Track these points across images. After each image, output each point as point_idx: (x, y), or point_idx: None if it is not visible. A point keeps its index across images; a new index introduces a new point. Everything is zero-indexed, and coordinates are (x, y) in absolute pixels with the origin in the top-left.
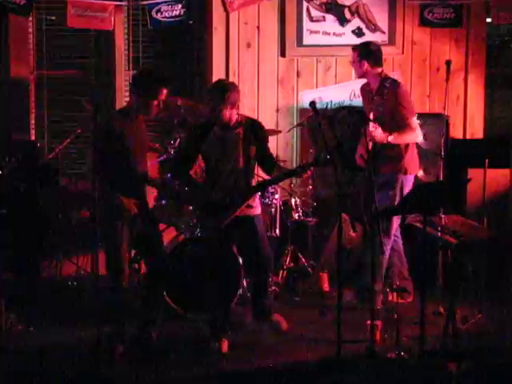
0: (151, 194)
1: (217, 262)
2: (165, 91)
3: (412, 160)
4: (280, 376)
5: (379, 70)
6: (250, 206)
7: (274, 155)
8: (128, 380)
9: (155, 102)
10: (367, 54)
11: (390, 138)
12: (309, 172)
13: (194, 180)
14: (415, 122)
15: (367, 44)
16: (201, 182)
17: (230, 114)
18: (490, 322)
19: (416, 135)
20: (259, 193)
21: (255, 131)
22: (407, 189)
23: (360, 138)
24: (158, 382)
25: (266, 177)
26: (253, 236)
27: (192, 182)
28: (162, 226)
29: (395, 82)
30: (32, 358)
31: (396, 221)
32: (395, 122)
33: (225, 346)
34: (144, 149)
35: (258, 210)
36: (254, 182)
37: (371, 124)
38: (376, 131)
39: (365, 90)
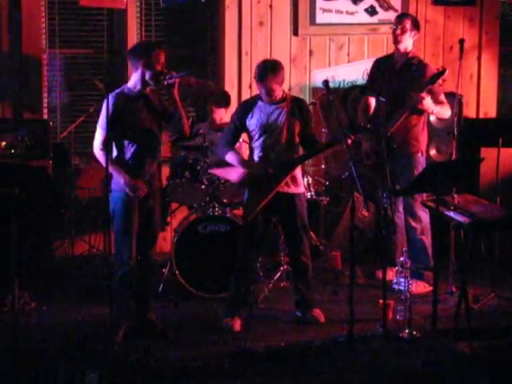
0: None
1: (229, 241)
2: (163, 55)
3: (425, 141)
4: (293, 354)
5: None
6: (292, 183)
7: None
8: (141, 358)
9: (159, 68)
10: (418, 25)
11: (435, 110)
12: (351, 138)
13: (238, 156)
14: (444, 98)
15: (413, 16)
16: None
17: (276, 91)
18: (502, 301)
19: (449, 111)
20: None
21: (300, 108)
22: None
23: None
24: (170, 360)
25: None
26: (290, 216)
27: (236, 158)
28: (174, 205)
29: (422, 63)
30: (45, 335)
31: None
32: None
33: (237, 325)
34: (152, 127)
35: (299, 188)
36: None
37: (423, 93)
38: (426, 100)
39: (385, 62)
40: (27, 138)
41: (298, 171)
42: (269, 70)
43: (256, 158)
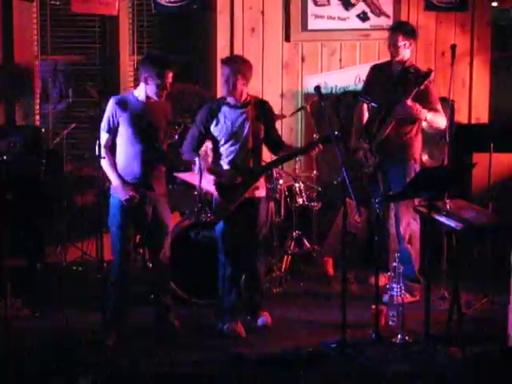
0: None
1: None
2: (170, 74)
3: (419, 149)
4: (285, 360)
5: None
6: (257, 188)
7: None
8: (133, 363)
9: (163, 86)
10: (411, 33)
11: (429, 116)
12: (319, 148)
13: (206, 162)
14: (441, 107)
15: (406, 23)
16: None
17: (242, 90)
18: (494, 306)
19: (444, 120)
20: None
21: (264, 111)
22: None
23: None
24: (162, 366)
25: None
26: (254, 220)
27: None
28: None
29: (419, 71)
30: (37, 342)
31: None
32: (424, 107)
33: (242, 329)
34: (156, 134)
35: (263, 192)
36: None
37: (409, 102)
38: (417, 105)
39: (382, 70)
40: (19, 145)
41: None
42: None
43: (223, 164)
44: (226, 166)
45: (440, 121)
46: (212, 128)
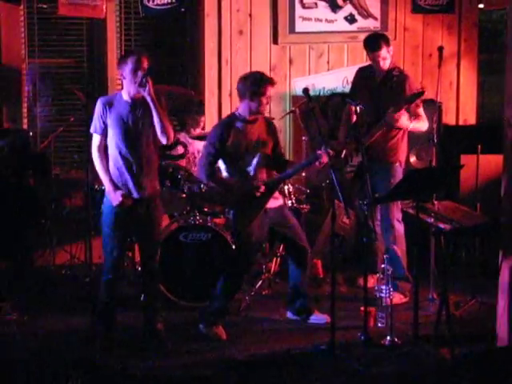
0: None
1: (211, 250)
2: (145, 60)
3: (404, 152)
4: (274, 362)
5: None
6: (275, 198)
7: None
8: (122, 366)
9: (140, 70)
10: (388, 40)
11: (411, 126)
12: (324, 160)
13: (224, 178)
14: (422, 111)
15: (381, 34)
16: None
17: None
18: (483, 307)
19: (426, 124)
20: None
21: (271, 128)
22: None
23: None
24: (151, 369)
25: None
26: (288, 226)
27: (223, 180)
28: None
29: (403, 74)
30: (26, 345)
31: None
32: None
33: (224, 333)
34: (139, 136)
35: (281, 200)
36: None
37: (399, 113)
38: (402, 118)
39: (367, 73)
40: (7, 148)
41: None
42: (270, 81)
43: (240, 177)
44: (242, 181)
45: (421, 126)
46: (227, 144)
